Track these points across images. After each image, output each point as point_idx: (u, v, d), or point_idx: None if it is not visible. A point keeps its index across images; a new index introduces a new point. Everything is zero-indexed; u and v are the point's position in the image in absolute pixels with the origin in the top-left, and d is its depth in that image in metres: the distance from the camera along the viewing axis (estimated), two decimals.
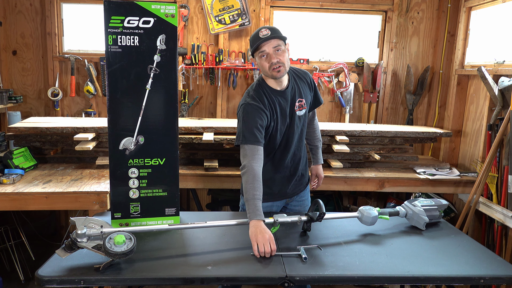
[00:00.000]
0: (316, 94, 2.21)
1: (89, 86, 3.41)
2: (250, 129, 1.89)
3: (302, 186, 2.26)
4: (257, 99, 1.95)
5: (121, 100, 1.83)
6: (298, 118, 2.08)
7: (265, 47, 1.90)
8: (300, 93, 2.08)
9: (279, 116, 2.00)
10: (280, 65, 1.91)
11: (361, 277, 1.55)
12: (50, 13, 3.38)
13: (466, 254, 1.75)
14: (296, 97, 2.06)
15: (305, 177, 2.27)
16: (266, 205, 2.14)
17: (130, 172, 1.89)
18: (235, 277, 1.52)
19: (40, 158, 2.88)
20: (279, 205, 2.21)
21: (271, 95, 1.99)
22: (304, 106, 2.09)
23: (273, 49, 1.90)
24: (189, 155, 2.98)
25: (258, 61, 1.96)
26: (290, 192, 2.21)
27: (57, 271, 1.50)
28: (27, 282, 3.00)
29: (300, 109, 2.07)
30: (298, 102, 2.07)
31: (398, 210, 2.04)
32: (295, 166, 2.17)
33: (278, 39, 1.90)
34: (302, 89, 2.09)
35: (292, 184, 2.19)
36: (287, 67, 1.96)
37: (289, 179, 2.17)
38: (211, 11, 3.39)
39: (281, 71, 1.93)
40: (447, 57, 3.49)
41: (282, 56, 1.92)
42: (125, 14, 1.77)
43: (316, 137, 2.38)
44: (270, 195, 2.13)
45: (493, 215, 2.60)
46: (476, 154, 3.12)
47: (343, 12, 3.55)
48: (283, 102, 2.02)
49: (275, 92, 2.00)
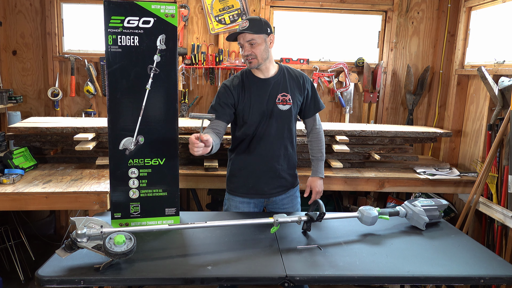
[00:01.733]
0: (314, 97, 2.21)
1: (89, 86, 3.41)
2: (214, 103, 2.10)
3: (282, 189, 2.23)
4: (230, 80, 2.14)
5: (121, 100, 1.83)
6: (280, 112, 2.10)
7: (240, 39, 2.04)
8: (285, 87, 2.11)
9: (252, 99, 2.08)
10: (252, 57, 2.03)
11: (361, 277, 1.55)
12: (50, 13, 3.38)
13: (466, 254, 1.75)
14: (280, 90, 2.10)
15: (287, 181, 2.23)
16: (243, 201, 2.19)
17: (130, 172, 1.89)
18: (235, 277, 1.52)
19: (40, 158, 2.88)
20: (256, 203, 2.22)
21: (250, 79, 2.11)
22: (289, 102, 2.11)
23: (247, 42, 2.02)
24: (189, 155, 2.98)
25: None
26: (267, 191, 2.19)
27: (57, 271, 1.50)
28: (27, 282, 3.00)
29: (283, 103, 2.10)
30: (282, 96, 2.10)
31: (398, 210, 2.04)
32: (272, 163, 2.16)
33: (252, 34, 2.01)
34: (289, 86, 2.12)
35: (267, 181, 2.18)
36: (261, 59, 2.05)
37: (263, 174, 2.17)
38: (211, 11, 3.39)
39: (253, 62, 2.04)
40: (447, 57, 3.49)
41: (256, 49, 2.02)
42: (125, 14, 1.77)
43: (317, 148, 2.30)
44: (245, 188, 2.18)
45: (493, 215, 2.60)
46: (476, 154, 3.12)
47: (343, 12, 3.55)
48: (262, 89, 2.10)
49: (256, 79, 2.11)
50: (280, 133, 2.15)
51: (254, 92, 2.10)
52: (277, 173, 2.19)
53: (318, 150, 2.31)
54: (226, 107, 2.08)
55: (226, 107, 2.08)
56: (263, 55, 2.05)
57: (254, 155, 2.15)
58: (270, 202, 2.25)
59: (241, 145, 2.18)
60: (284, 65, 2.21)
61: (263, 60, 2.06)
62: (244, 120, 2.12)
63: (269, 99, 2.10)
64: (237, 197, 2.22)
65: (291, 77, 2.15)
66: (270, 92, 2.10)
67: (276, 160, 2.17)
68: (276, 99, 2.10)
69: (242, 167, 2.19)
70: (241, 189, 2.21)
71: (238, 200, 2.22)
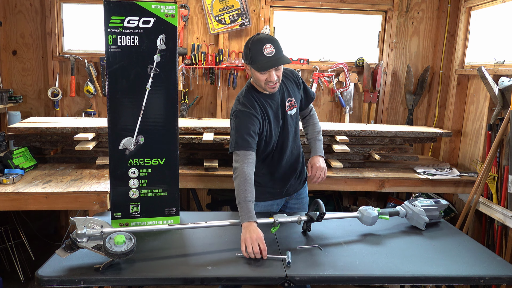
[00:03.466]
0: (306, 91, 2.20)
1: (89, 86, 3.41)
2: (242, 135, 1.88)
3: (301, 183, 2.27)
4: (248, 105, 1.94)
5: (121, 100, 1.83)
6: (290, 117, 2.09)
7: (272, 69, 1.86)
8: (289, 93, 2.09)
9: (272, 119, 2.00)
10: (277, 82, 1.91)
11: (361, 277, 1.55)
12: (50, 13, 3.38)
13: (466, 254, 1.75)
14: (286, 97, 2.07)
15: (303, 174, 2.27)
16: (266, 204, 2.16)
17: (130, 172, 1.89)
18: (235, 277, 1.53)
19: (40, 158, 2.88)
20: (279, 203, 2.21)
21: (261, 99, 1.98)
22: (294, 105, 2.10)
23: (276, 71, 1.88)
24: (189, 155, 2.98)
25: (254, 72, 1.90)
26: (291, 190, 2.21)
27: (57, 271, 1.50)
28: (27, 282, 3.00)
29: (291, 108, 2.09)
30: (288, 102, 2.08)
31: (398, 210, 2.04)
32: (293, 164, 2.18)
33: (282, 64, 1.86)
34: (290, 89, 2.10)
35: (292, 181, 2.19)
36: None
37: (288, 178, 2.17)
38: (211, 11, 3.39)
39: (276, 87, 1.93)
40: (447, 57, 3.49)
41: (280, 72, 1.91)
42: (125, 14, 1.77)
43: (315, 129, 2.26)
44: (271, 194, 2.15)
45: (493, 215, 2.60)
46: (476, 154, 3.12)
47: (343, 12, 3.55)
48: (274, 105, 2.01)
49: (265, 96, 1.99)
50: (294, 136, 2.15)
51: (271, 110, 2.00)
52: (298, 172, 2.21)
53: (315, 131, 2.25)
54: (255, 135, 1.92)
55: (255, 135, 1.93)
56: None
57: (278, 165, 2.12)
58: (291, 198, 2.25)
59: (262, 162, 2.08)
60: None
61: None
62: (266, 141, 2.02)
63: (281, 111, 2.05)
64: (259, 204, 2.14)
65: (287, 79, 2.11)
66: (280, 103, 2.05)
67: (296, 160, 2.19)
68: (285, 108, 2.07)
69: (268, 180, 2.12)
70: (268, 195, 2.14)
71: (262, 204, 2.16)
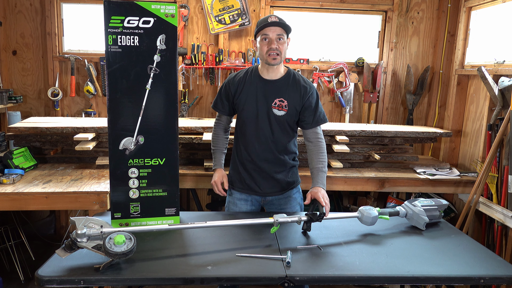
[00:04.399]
0: (315, 111, 2.11)
1: (89, 86, 3.41)
2: (217, 98, 2.23)
3: (276, 190, 2.21)
4: (234, 74, 2.19)
5: (121, 100, 1.83)
6: (275, 117, 2.09)
7: (270, 31, 1.99)
8: (284, 93, 2.08)
9: (248, 96, 2.10)
10: (277, 52, 1.99)
11: (361, 277, 1.55)
12: (50, 13, 3.38)
13: (466, 254, 1.75)
14: (278, 94, 2.08)
15: (282, 182, 2.20)
16: (241, 197, 2.24)
17: (130, 172, 1.89)
18: (235, 277, 1.52)
19: (40, 158, 2.88)
20: (253, 201, 2.24)
21: (253, 77, 2.11)
22: (284, 108, 2.08)
23: (276, 36, 1.99)
24: (189, 155, 2.98)
25: (259, 43, 2.04)
26: (262, 190, 2.20)
27: (57, 271, 1.50)
28: (27, 282, 3.00)
29: (279, 108, 2.08)
30: (279, 100, 2.08)
31: (398, 210, 2.04)
32: (263, 164, 2.15)
33: (283, 29, 1.99)
34: (287, 92, 2.08)
35: (260, 180, 2.18)
36: (283, 58, 2.05)
37: (256, 174, 2.17)
38: (211, 11, 3.39)
39: (277, 59, 2.01)
40: (447, 57, 3.49)
41: (282, 46, 2.01)
42: (125, 14, 1.77)
43: (318, 159, 2.10)
44: (241, 183, 2.22)
45: (493, 215, 2.60)
46: (476, 154, 3.12)
47: (343, 12, 3.55)
48: (260, 89, 2.09)
49: (258, 78, 2.11)
50: (276, 137, 2.12)
51: (252, 90, 2.10)
52: (269, 174, 2.18)
53: (319, 161, 2.09)
54: (225, 99, 2.18)
55: (226, 99, 2.18)
56: (285, 55, 2.05)
57: (248, 153, 2.17)
58: (267, 201, 2.25)
59: (239, 141, 2.21)
60: (295, 71, 2.16)
61: (283, 59, 2.06)
62: (239, 116, 2.18)
63: (264, 101, 2.08)
64: (235, 192, 2.25)
65: (295, 84, 2.09)
66: (267, 94, 2.08)
67: (268, 161, 2.16)
68: (273, 103, 2.08)
69: (239, 162, 2.21)
70: (238, 184, 2.24)
71: (237, 196, 2.24)
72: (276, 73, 2.09)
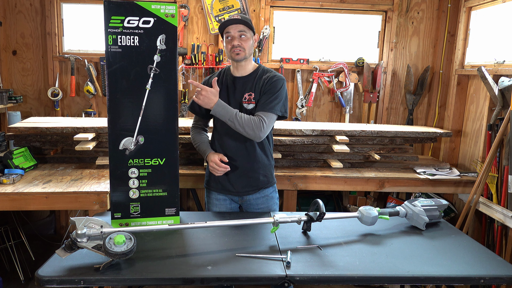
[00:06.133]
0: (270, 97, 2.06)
1: (89, 86, 3.41)
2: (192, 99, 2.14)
3: (252, 188, 2.21)
4: (208, 77, 2.24)
5: (121, 100, 1.83)
6: (246, 111, 2.11)
7: (231, 29, 2.05)
8: (252, 87, 2.12)
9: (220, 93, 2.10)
10: (240, 49, 2.05)
11: (361, 277, 1.55)
12: (50, 13, 3.38)
13: (466, 254, 1.75)
14: (248, 88, 2.12)
15: (258, 180, 2.20)
16: (218, 197, 2.25)
17: (130, 172, 1.89)
18: (235, 277, 1.52)
19: (40, 158, 2.88)
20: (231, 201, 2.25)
21: (225, 76, 2.18)
22: (252, 100, 2.12)
23: (238, 33, 2.05)
24: (189, 155, 2.98)
25: (224, 42, 2.11)
26: (237, 189, 2.20)
27: (57, 271, 1.50)
28: (27, 282, 3.00)
29: (249, 102, 2.12)
30: (248, 95, 2.12)
31: (398, 210, 2.04)
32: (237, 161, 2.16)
33: (244, 25, 2.04)
34: (255, 85, 2.12)
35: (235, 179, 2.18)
36: (248, 54, 2.09)
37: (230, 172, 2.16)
38: (211, 11, 3.39)
39: (240, 54, 2.06)
40: (447, 57, 3.49)
41: (245, 42, 2.06)
42: (125, 14, 1.77)
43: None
44: (217, 184, 2.22)
45: (493, 215, 2.60)
46: (476, 154, 3.12)
47: (343, 12, 3.55)
48: (231, 87, 2.15)
49: (229, 76, 2.17)
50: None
51: (224, 89, 2.15)
52: (244, 172, 2.18)
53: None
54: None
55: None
56: (250, 51, 2.10)
57: (223, 150, 2.18)
58: (244, 201, 2.25)
59: (214, 141, 2.23)
60: (265, 67, 2.20)
61: (249, 55, 2.11)
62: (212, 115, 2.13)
63: (235, 97, 2.13)
64: (212, 192, 2.27)
65: (262, 76, 2.13)
66: (238, 91, 2.13)
67: (242, 158, 2.16)
68: (243, 98, 2.12)
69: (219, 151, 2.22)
70: (214, 184, 2.25)
71: (214, 197, 2.26)
72: (246, 69, 2.15)
